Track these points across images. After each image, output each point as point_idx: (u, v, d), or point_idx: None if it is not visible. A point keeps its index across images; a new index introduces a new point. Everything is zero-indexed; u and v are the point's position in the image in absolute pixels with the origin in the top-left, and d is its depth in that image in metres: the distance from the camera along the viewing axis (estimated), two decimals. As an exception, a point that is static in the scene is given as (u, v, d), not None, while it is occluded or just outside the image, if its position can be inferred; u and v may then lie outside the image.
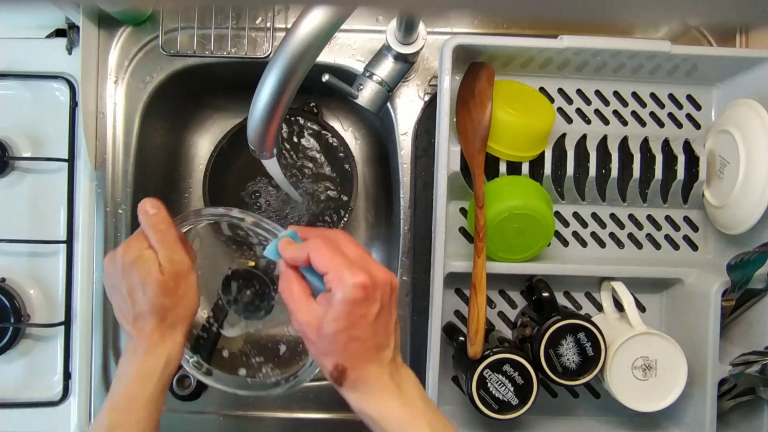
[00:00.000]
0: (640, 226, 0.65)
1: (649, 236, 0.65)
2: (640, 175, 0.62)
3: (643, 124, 0.64)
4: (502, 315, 0.64)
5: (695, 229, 0.65)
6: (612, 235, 0.65)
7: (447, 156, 0.57)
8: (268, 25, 0.65)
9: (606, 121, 0.64)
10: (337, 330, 0.42)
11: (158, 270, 0.47)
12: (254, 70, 0.60)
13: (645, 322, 0.60)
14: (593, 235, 0.65)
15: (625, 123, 0.64)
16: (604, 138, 0.62)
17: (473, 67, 0.59)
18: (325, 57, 0.66)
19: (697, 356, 0.59)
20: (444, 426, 0.45)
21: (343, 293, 0.41)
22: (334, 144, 0.74)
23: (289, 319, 0.45)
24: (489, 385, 0.56)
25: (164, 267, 0.48)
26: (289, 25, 0.58)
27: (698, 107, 0.64)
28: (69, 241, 0.65)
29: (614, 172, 0.62)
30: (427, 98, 0.66)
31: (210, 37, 0.65)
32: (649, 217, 0.65)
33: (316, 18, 0.37)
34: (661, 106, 0.64)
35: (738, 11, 0.20)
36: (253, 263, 0.64)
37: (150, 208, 0.49)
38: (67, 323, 0.65)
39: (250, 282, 0.63)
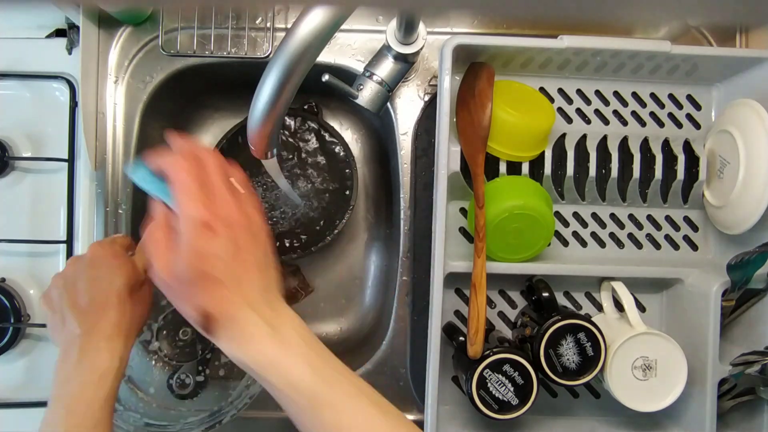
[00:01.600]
0: (640, 226, 0.65)
1: (649, 236, 0.65)
2: (640, 175, 0.62)
3: (643, 124, 0.64)
4: (502, 315, 0.64)
5: (695, 229, 0.65)
6: (612, 235, 0.65)
7: (447, 156, 0.57)
8: (268, 25, 0.65)
9: (606, 121, 0.64)
10: (188, 267, 0.39)
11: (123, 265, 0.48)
12: (254, 70, 0.60)
13: (645, 322, 0.60)
14: (593, 235, 0.65)
15: (625, 123, 0.64)
16: (604, 138, 0.62)
17: (473, 67, 0.59)
18: (325, 57, 0.66)
19: (697, 356, 0.59)
20: (327, 366, 0.41)
21: (184, 226, 0.40)
22: (334, 144, 0.74)
23: None
24: (489, 385, 0.56)
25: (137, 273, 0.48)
26: (289, 25, 0.58)
27: (698, 107, 0.64)
28: (69, 241, 0.65)
29: (614, 172, 0.62)
30: (427, 98, 0.66)
31: (210, 37, 0.65)
32: (649, 217, 0.65)
33: (316, 18, 0.37)
34: (661, 106, 0.64)
35: (738, 11, 0.20)
36: None
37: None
38: (67, 323, 0.65)
39: None
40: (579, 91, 0.64)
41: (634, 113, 0.64)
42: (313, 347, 0.42)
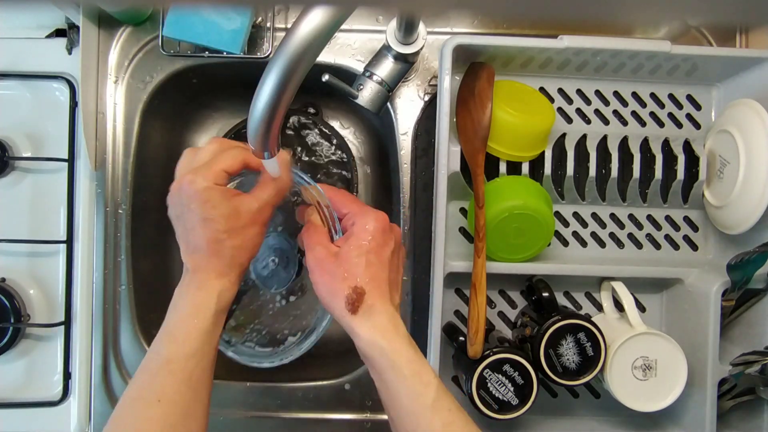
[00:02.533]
0: (640, 226, 0.65)
1: (649, 236, 0.65)
2: (640, 175, 0.62)
3: (643, 124, 0.64)
4: (502, 315, 0.64)
5: (695, 229, 0.65)
6: (612, 235, 0.65)
7: (447, 156, 0.57)
8: (268, 25, 0.65)
9: (606, 121, 0.64)
10: (359, 253, 0.46)
11: (227, 207, 0.46)
12: (254, 70, 0.60)
13: (645, 322, 0.60)
14: (593, 235, 0.65)
15: (625, 123, 0.64)
16: (604, 138, 0.62)
17: (473, 67, 0.59)
18: (325, 57, 0.66)
19: (697, 356, 0.59)
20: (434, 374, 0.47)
21: (366, 222, 0.47)
22: (334, 144, 0.74)
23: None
24: (489, 385, 0.56)
25: (248, 206, 0.47)
26: (289, 25, 0.58)
27: (698, 107, 0.64)
28: (69, 241, 0.65)
29: (614, 172, 0.62)
30: (427, 98, 0.66)
31: (210, 37, 0.65)
32: (649, 217, 0.65)
33: (316, 18, 0.37)
34: (661, 106, 0.64)
35: (738, 11, 0.20)
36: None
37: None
38: (67, 323, 0.65)
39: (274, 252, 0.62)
40: (579, 91, 0.64)
41: (634, 113, 0.64)
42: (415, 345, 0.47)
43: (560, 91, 0.64)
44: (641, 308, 0.65)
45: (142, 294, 0.67)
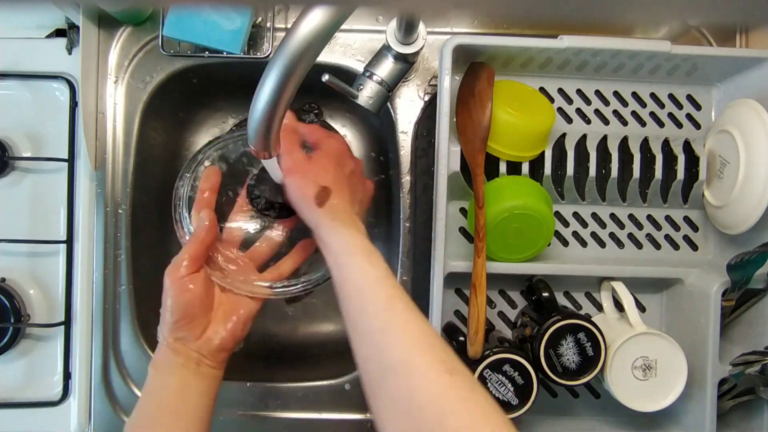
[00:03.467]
0: (640, 226, 0.65)
1: (649, 236, 0.65)
2: (640, 175, 0.62)
3: (643, 124, 0.64)
4: (502, 315, 0.64)
5: (695, 229, 0.65)
6: (612, 235, 0.65)
7: (447, 156, 0.57)
8: (268, 25, 0.65)
9: (606, 121, 0.64)
10: (327, 159, 0.52)
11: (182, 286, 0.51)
12: (254, 70, 0.60)
13: (645, 322, 0.60)
14: (593, 235, 0.65)
15: (625, 123, 0.64)
16: (604, 138, 0.62)
17: (473, 67, 0.59)
18: (325, 57, 0.66)
19: (697, 356, 0.59)
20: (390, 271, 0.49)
21: (330, 144, 0.54)
22: (334, 144, 0.74)
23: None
24: (489, 385, 0.56)
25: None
26: (289, 25, 0.58)
27: (698, 107, 0.64)
28: (69, 241, 0.65)
29: (614, 172, 0.62)
30: (427, 98, 0.66)
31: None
32: (649, 217, 0.65)
33: (316, 18, 0.37)
34: (661, 106, 0.64)
35: (738, 11, 0.20)
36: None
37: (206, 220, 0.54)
38: (67, 323, 0.65)
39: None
40: (579, 91, 0.64)
41: (634, 113, 0.64)
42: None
43: (560, 91, 0.64)
44: (641, 308, 0.65)
45: (142, 294, 0.67)
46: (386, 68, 0.61)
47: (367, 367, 0.44)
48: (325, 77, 0.56)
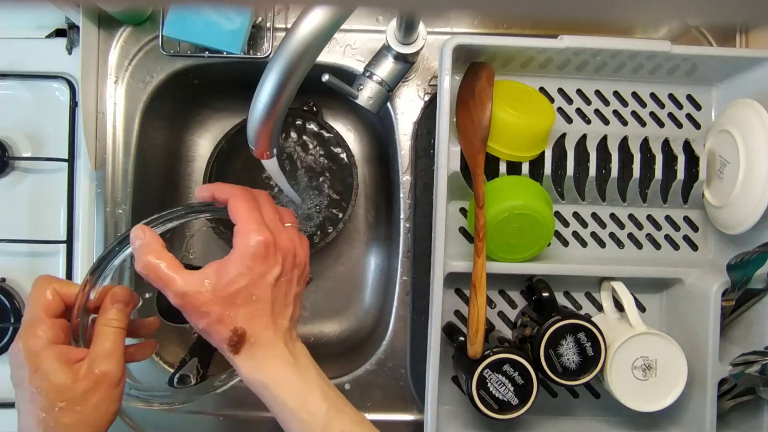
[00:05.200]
0: (640, 226, 0.65)
1: (649, 236, 0.65)
2: (640, 175, 0.62)
3: (643, 124, 0.64)
4: (502, 315, 0.64)
5: (695, 229, 0.65)
6: (612, 235, 0.65)
7: (447, 156, 0.57)
8: (268, 25, 0.65)
9: (606, 121, 0.64)
10: (238, 288, 0.42)
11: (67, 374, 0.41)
12: (254, 70, 0.60)
13: (645, 322, 0.60)
14: (593, 235, 0.65)
15: (625, 123, 0.64)
16: (604, 138, 0.62)
17: (473, 67, 0.59)
18: (325, 57, 0.66)
19: (697, 356, 0.59)
20: (337, 396, 0.46)
21: (244, 247, 0.42)
22: (334, 144, 0.74)
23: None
24: (489, 385, 0.56)
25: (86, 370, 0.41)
26: (289, 25, 0.58)
27: (698, 107, 0.64)
28: (69, 241, 0.65)
29: (614, 172, 0.62)
30: (427, 98, 0.66)
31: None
32: (649, 217, 0.65)
33: (316, 18, 0.37)
34: (661, 106, 0.64)
35: (738, 11, 0.20)
36: None
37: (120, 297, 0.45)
38: (67, 323, 0.65)
39: None
40: (579, 91, 0.64)
41: (634, 113, 0.64)
42: (323, 377, 0.46)
43: (560, 91, 0.64)
44: (641, 308, 0.65)
45: (142, 294, 0.67)
46: (386, 68, 0.61)
47: None
48: (325, 77, 0.56)
